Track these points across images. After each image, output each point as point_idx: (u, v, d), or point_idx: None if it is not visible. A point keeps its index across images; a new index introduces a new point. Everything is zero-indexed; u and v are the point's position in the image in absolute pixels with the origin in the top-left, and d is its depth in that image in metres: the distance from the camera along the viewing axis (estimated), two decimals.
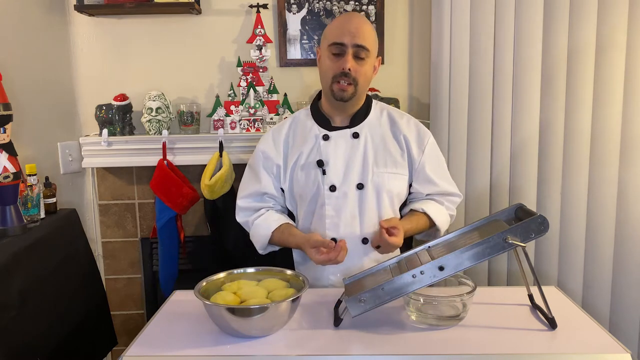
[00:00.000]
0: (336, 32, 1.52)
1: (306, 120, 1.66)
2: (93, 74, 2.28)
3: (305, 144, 1.61)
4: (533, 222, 1.16)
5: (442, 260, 1.15)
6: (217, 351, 1.10)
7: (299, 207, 1.63)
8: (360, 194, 1.56)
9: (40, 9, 2.13)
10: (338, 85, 1.52)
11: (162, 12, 2.20)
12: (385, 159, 1.59)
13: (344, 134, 1.60)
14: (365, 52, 1.51)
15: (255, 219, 1.63)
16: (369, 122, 1.62)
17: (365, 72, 1.54)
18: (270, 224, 1.60)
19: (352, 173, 1.57)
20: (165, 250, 2.18)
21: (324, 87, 1.60)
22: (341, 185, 1.56)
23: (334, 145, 1.59)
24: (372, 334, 1.16)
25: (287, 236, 1.58)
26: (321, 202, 1.57)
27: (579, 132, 2.08)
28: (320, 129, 1.62)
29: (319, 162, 1.57)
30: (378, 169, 1.57)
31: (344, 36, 1.50)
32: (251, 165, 1.68)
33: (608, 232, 2.12)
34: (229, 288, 1.24)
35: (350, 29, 1.50)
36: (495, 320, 1.22)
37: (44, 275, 1.67)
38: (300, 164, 1.60)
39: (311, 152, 1.60)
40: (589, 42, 2.04)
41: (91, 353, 1.94)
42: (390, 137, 1.62)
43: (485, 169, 2.15)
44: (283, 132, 1.66)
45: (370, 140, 1.60)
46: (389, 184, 1.58)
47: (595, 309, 2.14)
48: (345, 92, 1.53)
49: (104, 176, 2.31)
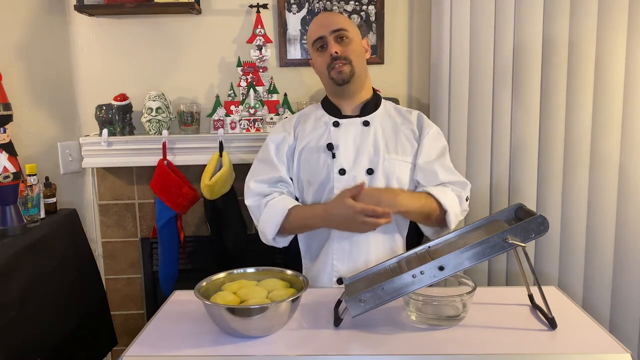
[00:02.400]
0: (314, 30, 1.61)
1: (316, 111, 1.69)
2: (93, 74, 2.28)
3: (316, 130, 1.63)
4: (533, 222, 1.16)
5: (442, 260, 1.15)
6: (217, 351, 1.10)
7: (306, 193, 1.62)
8: (370, 179, 1.56)
9: (40, 9, 2.13)
10: (334, 70, 1.57)
11: (162, 12, 2.20)
12: (397, 146, 1.60)
13: (355, 122, 1.62)
14: (343, 32, 1.57)
15: (270, 200, 1.59)
16: (379, 114, 1.64)
17: (354, 49, 1.58)
18: (287, 203, 1.56)
19: (362, 158, 1.57)
20: (165, 250, 2.17)
21: (326, 83, 1.64)
22: (351, 169, 1.56)
23: (344, 131, 1.61)
24: (372, 334, 1.16)
25: (306, 210, 1.56)
26: (330, 186, 1.57)
27: (579, 132, 2.08)
28: (330, 117, 1.64)
29: (328, 146, 1.58)
30: (389, 156, 1.58)
31: (320, 30, 1.58)
32: (262, 158, 1.66)
33: (608, 232, 2.12)
34: (229, 288, 1.24)
35: (324, 22, 1.60)
36: (495, 320, 1.22)
37: (44, 275, 1.67)
38: (309, 148, 1.61)
39: (321, 137, 1.61)
40: (589, 42, 2.04)
41: (91, 353, 1.94)
42: (400, 127, 1.63)
43: (485, 169, 2.15)
44: (294, 120, 1.70)
45: (380, 129, 1.61)
46: (399, 171, 1.58)
47: (595, 309, 2.14)
48: (343, 73, 1.56)
49: (104, 176, 2.31)
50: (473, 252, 1.15)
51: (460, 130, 2.13)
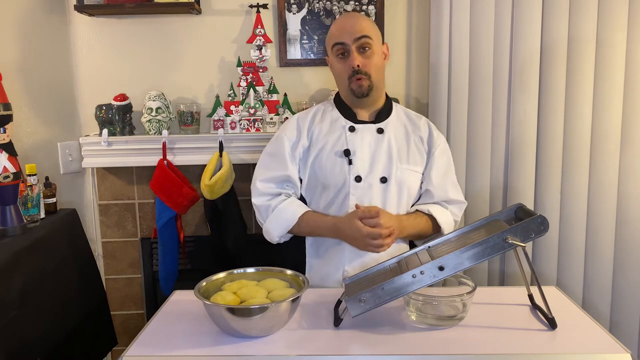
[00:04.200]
0: (336, 34, 1.58)
1: (332, 111, 1.68)
2: (93, 74, 2.28)
3: (332, 134, 1.63)
4: (533, 222, 1.16)
5: (442, 260, 1.15)
6: (217, 351, 1.10)
7: (318, 196, 1.62)
8: (384, 188, 1.58)
9: (40, 9, 2.13)
10: (354, 83, 1.57)
11: (162, 12, 2.20)
12: (408, 156, 1.62)
13: (370, 128, 1.63)
14: (367, 40, 1.55)
15: (279, 203, 1.59)
16: (391, 121, 1.66)
17: (375, 62, 1.58)
18: (297, 208, 1.58)
19: (378, 166, 1.59)
20: (165, 250, 2.17)
21: (342, 89, 1.64)
22: (367, 176, 1.58)
23: (360, 137, 1.61)
24: (372, 334, 1.16)
25: (317, 220, 1.57)
26: (345, 192, 1.58)
27: (579, 132, 2.08)
28: (346, 120, 1.64)
29: (345, 152, 1.59)
30: (401, 165, 1.60)
31: (343, 36, 1.56)
32: (272, 152, 1.65)
33: (608, 232, 2.12)
34: (229, 288, 1.24)
35: (347, 27, 1.56)
36: (495, 320, 1.22)
37: (44, 275, 1.67)
38: (326, 152, 1.61)
39: (337, 141, 1.61)
40: (589, 41, 2.04)
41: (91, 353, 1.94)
42: (411, 135, 1.65)
43: (484, 169, 2.15)
44: (308, 119, 1.67)
45: (393, 137, 1.63)
46: (410, 181, 1.61)
47: (595, 309, 2.14)
48: (362, 87, 1.57)
49: (104, 176, 2.31)
50: (473, 252, 1.15)
51: (460, 130, 2.13)
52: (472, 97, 2.12)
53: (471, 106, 2.12)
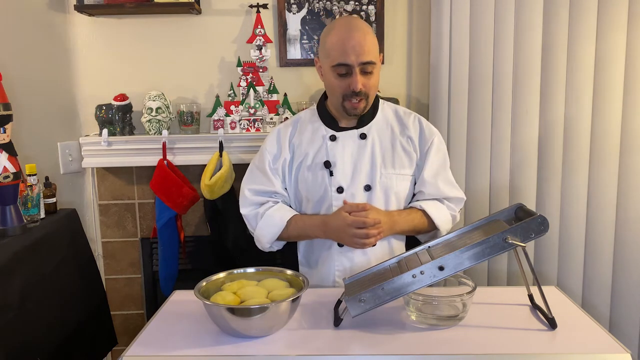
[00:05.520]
0: (339, 51, 1.46)
1: (312, 120, 1.64)
2: (93, 74, 2.28)
3: (312, 144, 1.60)
4: (533, 222, 1.16)
5: (442, 260, 1.15)
6: (217, 351, 1.10)
7: (303, 208, 1.62)
8: (368, 196, 1.55)
9: (40, 9, 2.13)
10: (350, 104, 1.51)
11: (162, 12, 2.20)
12: (394, 160, 1.58)
13: (352, 135, 1.59)
14: (372, 66, 1.49)
15: (267, 209, 1.58)
16: (376, 123, 1.61)
17: (375, 82, 1.53)
18: (285, 213, 1.57)
19: (360, 174, 1.56)
20: (165, 250, 2.18)
21: (334, 101, 1.57)
22: (349, 186, 1.55)
23: (341, 146, 1.58)
24: (372, 334, 1.16)
25: (305, 220, 1.56)
26: (328, 203, 1.57)
27: (579, 132, 2.09)
28: (327, 129, 1.60)
29: (326, 164, 1.56)
30: (386, 171, 1.56)
31: (348, 56, 1.45)
32: (258, 166, 1.64)
33: (608, 232, 2.12)
34: (229, 288, 1.24)
35: (354, 46, 1.45)
36: (495, 320, 1.22)
37: (44, 275, 1.66)
38: (306, 164, 1.59)
39: (318, 152, 1.58)
40: (589, 41, 2.04)
41: (91, 353, 1.93)
42: (398, 137, 1.60)
43: (485, 168, 2.15)
44: (288, 132, 1.64)
45: (377, 141, 1.58)
46: (397, 186, 1.57)
47: (595, 309, 2.14)
48: (358, 109, 1.53)
49: (104, 176, 2.31)
50: (473, 252, 1.15)
51: (460, 130, 2.13)
52: (473, 97, 2.12)
53: (471, 106, 2.12)
